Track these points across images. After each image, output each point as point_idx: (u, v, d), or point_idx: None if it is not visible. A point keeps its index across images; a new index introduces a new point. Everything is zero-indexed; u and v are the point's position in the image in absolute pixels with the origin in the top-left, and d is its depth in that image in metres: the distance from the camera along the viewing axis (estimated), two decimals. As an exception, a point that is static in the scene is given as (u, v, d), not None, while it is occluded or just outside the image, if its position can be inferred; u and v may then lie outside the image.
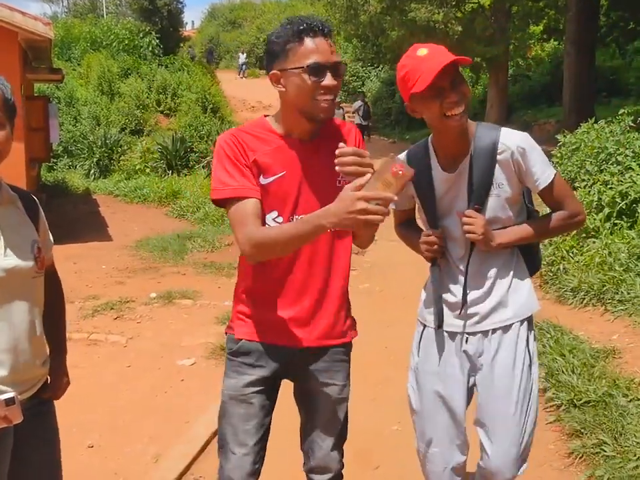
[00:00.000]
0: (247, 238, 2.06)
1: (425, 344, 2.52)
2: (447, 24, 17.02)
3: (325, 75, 2.06)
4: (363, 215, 1.76)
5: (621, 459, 3.43)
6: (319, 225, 1.89)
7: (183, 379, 4.96)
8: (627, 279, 5.87)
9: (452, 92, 2.17)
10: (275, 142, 2.19)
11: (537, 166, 2.31)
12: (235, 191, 2.11)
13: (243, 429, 2.27)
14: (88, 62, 25.30)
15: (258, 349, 2.27)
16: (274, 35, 2.13)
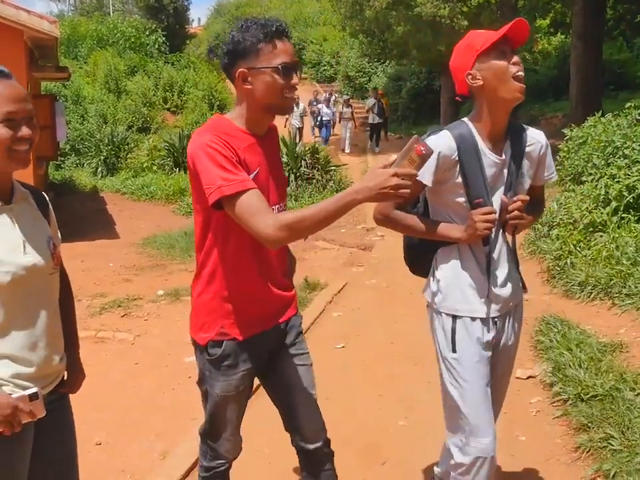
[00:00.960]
0: (272, 223, 2.07)
1: (461, 337, 2.50)
2: (452, 19, 16.94)
3: (292, 75, 2.23)
4: (396, 189, 1.92)
5: (628, 453, 3.42)
6: (353, 200, 1.99)
7: (190, 375, 4.94)
8: (635, 273, 5.84)
9: (513, 55, 2.30)
10: (246, 140, 2.28)
11: (552, 162, 2.55)
12: (243, 183, 2.12)
13: (236, 418, 2.52)
14: (94, 60, 25.40)
15: (239, 348, 2.37)
16: (240, 35, 2.20)
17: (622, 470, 3.30)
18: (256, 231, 2.10)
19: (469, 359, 2.48)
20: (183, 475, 3.57)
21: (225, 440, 2.54)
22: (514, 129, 2.46)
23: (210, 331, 2.37)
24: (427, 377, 4.51)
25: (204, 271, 2.37)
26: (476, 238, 2.40)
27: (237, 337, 2.35)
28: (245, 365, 2.39)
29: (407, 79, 28.85)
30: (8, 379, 1.92)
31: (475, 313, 2.49)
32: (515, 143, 2.44)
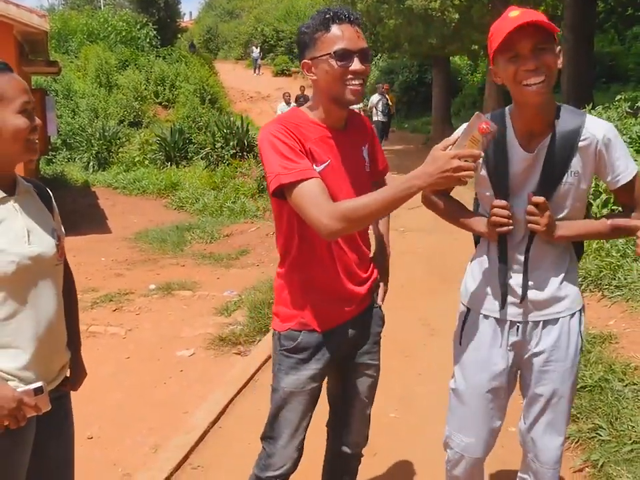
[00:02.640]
0: (330, 213, 2.02)
1: (469, 331, 2.43)
2: (443, 11, 16.92)
3: (353, 60, 2.12)
4: (459, 172, 1.83)
5: (616, 443, 3.46)
6: (414, 186, 1.90)
7: (182, 369, 4.98)
8: (624, 265, 5.88)
9: (530, 59, 2.01)
10: (318, 131, 2.23)
11: (622, 159, 2.17)
12: (302, 172, 2.07)
13: (299, 424, 2.39)
14: (85, 54, 25.28)
15: (316, 342, 2.33)
16: (304, 26, 2.20)
17: (610, 460, 3.34)
18: (312, 221, 2.05)
19: (470, 357, 2.43)
20: (174, 469, 3.59)
21: (281, 447, 2.39)
22: (567, 119, 2.17)
23: (289, 320, 2.35)
24: (418, 369, 4.54)
25: (283, 259, 2.37)
26: (491, 233, 2.30)
27: (315, 328, 2.32)
28: (317, 363, 2.34)
29: (398, 72, 28.89)
30: (13, 372, 1.92)
31: (489, 311, 2.38)
32: (560, 136, 2.16)
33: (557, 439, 2.40)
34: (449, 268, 6.57)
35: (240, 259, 8.44)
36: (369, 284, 2.43)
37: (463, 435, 2.46)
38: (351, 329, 2.40)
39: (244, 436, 3.92)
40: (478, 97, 23.90)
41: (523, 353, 2.37)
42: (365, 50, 2.15)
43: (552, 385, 2.33)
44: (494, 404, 2.42)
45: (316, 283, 2.31)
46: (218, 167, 14.54)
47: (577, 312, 2.34)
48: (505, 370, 2.38)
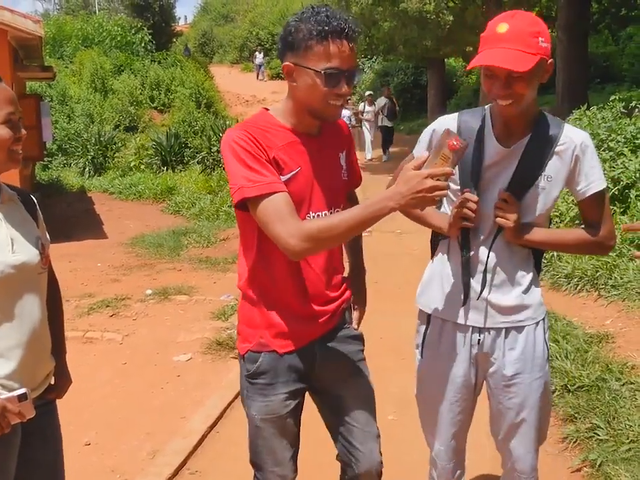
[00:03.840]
0: (295, 232, 1.92)
1: (430, 342, 2.39)
2: (438, 14, 16.95)
3: (340, 82, 1.99)
4: (433, 192, 1.78)
5: (614, 442, 3.47)
6: (386, 207, 1.84)
7: (179, 374, 4.97)
8: (620, 264, 5.90)
9: (502, 85, 2.01)
10: (286, 137, 2.08)
11: (596, 169, 2.17)
12: (268, 186, 1.95)
13: (279, 447, 2.24)
14: (80, 59, 25.29)
15: (277, 364, 2.18)
16: (294, 25, 1.99)
17: (608, 459, 3.35)
18: (277, 240, 1.94)
19: (431, 371, 2.40)
20: (172, 474, 3.58)
21: (269, 472, 2.24)
22: (547, 124, 2.17)
23: (249, 341, 2.21)
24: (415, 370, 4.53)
25: (242, 275, 2.23)
26: (452, 228, 2.24)
27: (276, 349, 2.16)
28: (285, 386, 2.19)
29: (394, 75, 28.91)
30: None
31: (449, 316, 2.32)
32: (538, 138, 2.15)
33: (531, 449, 2.37)
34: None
35: (236, 263, 8.42)
36: (337, 303, 2.26)
37: (435, 440, 2.48)
38: (319, 351, 2.23)
39: (241, 440, 3.87)
40: (473, 99, 23.91)
41: (487, 366, 2.33)
42: (353, 71, 2.00)
43: (520, 397, 2.30)
44: (460, 415, 2.40)
45: (273, 301, 2.17)
46: (214, 171, 14.54)
47: (541, 320, 2.31)
48: (468, 382, 2.35)
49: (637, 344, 4.63)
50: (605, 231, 2.22)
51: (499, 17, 2.07)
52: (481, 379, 2.39)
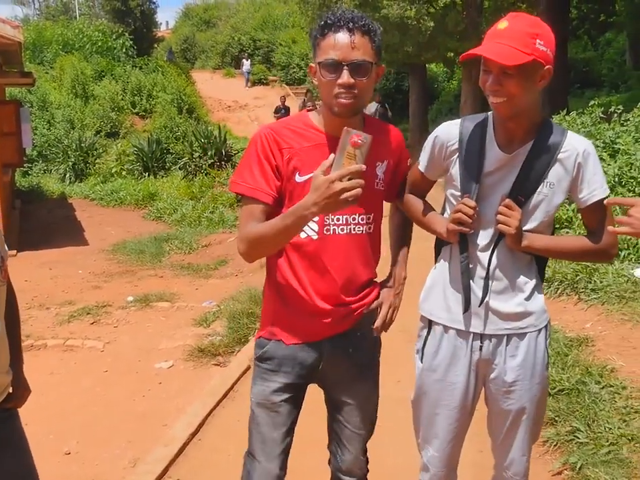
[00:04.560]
0: (242, 235, 2.12)
1: (430, 348, 2.39)
2: (419, 20, 17.04)
3: (341, 73, 2.02)
4: (343, 194, 1.79)
5: (594, 445, 3.49)
6: (301, 217, 1.90)
7: (161, 382, 4.94)
8: (599, 268, 5.94)
9: (495, 81, 2.04)
10: (315, 138, 2.16)
11: (598, 176, 2.16)
12: (249, 190, 2.13)
13: (270, 437, 2.29)
14: (61, 65, 25.10)
15: (283, 353, 2.26)
16: (314, 28, 2.13)
17: (588, 462, 3.37)
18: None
19: (431, 377, 2.39)
20: (153, 482, 3.56)
21: (257, 462, 2.31)
22: (550, 131, 2.17)
23: (262, 328, 2.34)
24: (398, 376, 4.54)
25: (268, 268, 2.33)
26: (450, 234, 2.24)
27: (283, 339, 2.26)
28: (285, 377, 2.27)
29: (375, 80, 28.99)
30: None
31: (451, 322, 2.32)
32: (540, 145, 2.15)
33: (526, 452, 2.41)
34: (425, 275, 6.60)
35: (219, 269, 8.41)
36: (353, 307, 2.27)
37: (429, 446, 2.46)
38: (327, 350, 2.28)
39: (224, 447, 3.90)
40: (454, 104, 24.06)
41: (488, 372, 2.34)
42: (356, 62, 2.01)
43: (519, 402, 2.31)
44: (457, 422, 2.40)
45: (285, 295, 2.25)
46: (196, 177, 14.50)
47: (543, 328, 2.31)
48: (467, 389, 2.35)
49: (617, 347, 4.67)
50: (608, 239, 2.20)
51: (505, 17, 2.10)
52: (480, 385, 2.39)
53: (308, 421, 2.54)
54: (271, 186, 2.13)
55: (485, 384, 2.38)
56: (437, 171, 2.38)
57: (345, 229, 2.19)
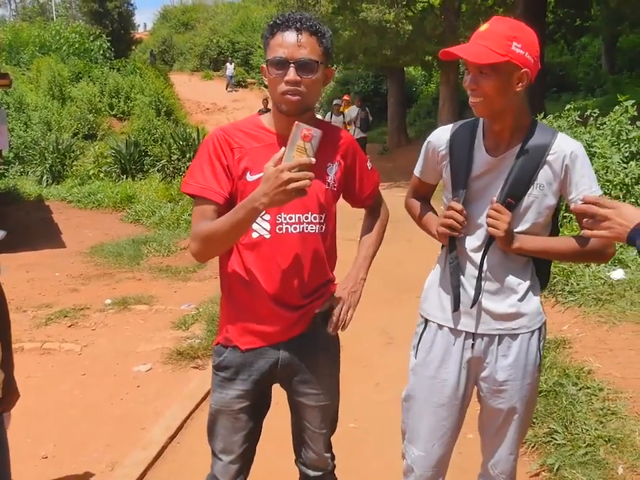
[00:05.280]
0: (194, 235, 2.12)
1: (425, 344, 2.42)
2: (397, 23, 17.10)
3: (287, 70, 2.07)
4: (290, 184, 1.83)
5: (571, 447, 3.53)
6: (252, 209, 1.93)
7: (139, 385, 4.91)
8: (577, 271, 6.00)
9: (471, 80, 2.11)
10: (265, 138, 2.20)
11: (586, 178, 2.18)
12: (200, 189, 2.14)
13: (230, 440, 2.33)
14: (37, 66, 24.91)
15: (239, 361, 2.27)
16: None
17: (565, 463, 3.40)
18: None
19: (423, 372, 2.42)
20: (132, 486, 3.54)
21: (217, 459, 2.37)
22: (539, 134, 2.21)
23: (219, 334, 2.35)
24: (376, 378, 4.56)
25: (221, 272, 2.33)
26: (441, 236, 2.30)
27: (238, 345, 2.26)
28: (243, 384, 2.28)
29: (354, 83, 29.08)
30: None
31: (445, 321, 2.36)
32: (529, 148, 2.18)
33: (513, 451, 2.44)
34: (405, 277, 6.63)
35: (197, 272, 8.37)
36: (306, 309, 2.27)
37: (414, 447, 2.47)
38: (284, 353, 2.28)
39: (202, 451, 3.85)
40: (432, 107, 24.17)
41: (479, 370, 2.36)
42: (303, 60, 2.07)
43: (509, 402, 2.35)
44: (446, 420, 2.41)
45: (238, 299, 2.26)
46: (174, 180, 14.40)
47: (537, 330, 2.33)
48: (457, 386, 2.37)
49: (593, 349, 4.72)
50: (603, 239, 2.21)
51: (489, 20, 2.16)
52: (471, 384, 2.42)
53: (280, 422, 2.55)
54: (222, 186, 2.15)
55: (477, 383, 2.41)
56: (432, 175, 2.45)
57: (297, 228, 2.20)
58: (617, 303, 5.35)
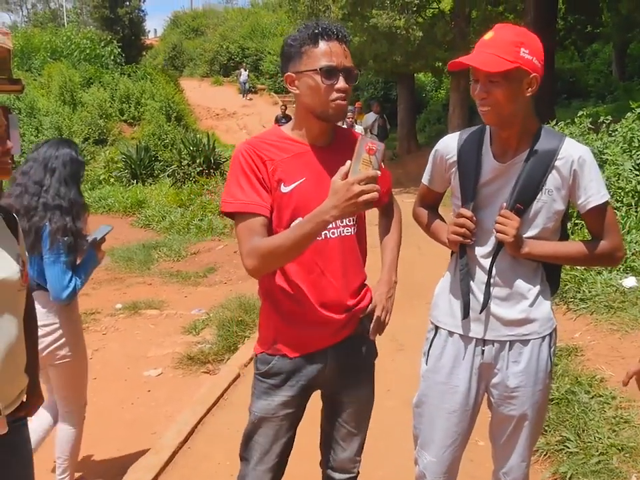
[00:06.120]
0: (251, 251, 2.07)
1: (435, 350, 2.43)
2: (408, 30, 17.11)
3: (338, 78, 2.11)
4: (361, 196, 1.83)
5: (584, 455, 3.50)
6: (322, 222, 1.93)
7: (150, 389, 4.92)
8: (588, 278, 5.98)
9: (481, 89, 2.11)
10: (293, 149, 2.22)
11: (594, 182, 2.19)
12: (243, 205, 2.12)
13: (270, 449, 2.34)
14: (49, 72, 25.00)
15: (289, 368, 2.29)
16: (290, 38, 2.18)
17: (578, 472, 3.38)
18: (241, 256, 2.10)
19: (434, 378, 2.42)
20: (143, 491, 3.54)
21: (252, 469, 2.36)
22: (546, 139, 2.21)
23: (264, 344, 2.34)
24: (387, 384, 4.55)
25: (261, 283, 2.34)
26: (452, 244, 2.32)
27: (287, 353, 2.28)
28: (290, 390, 2.30)
29: (364, 89, 29.10)
30: None
31: (455, 327, 2.36)
32: (537, 154, 2.18)
33: (525, 458, 2.43)
34: (416, 283, 6.61)
35: (207, 277, 8.39)
36: (352, 312, 2.32)
37: (426, 453, 2.47)
38: (331, 357, 2.32)
39: (213, 456, 3.88)
40: (442, 113, 24.18)
41: (490, 376, 2.36)
42: (350, 68, 2.14)
43: (521, 408, 2.34)
44: (457, 427, 2.41)
45: (285, 308, 2.27)
46: (184, 185, 14.44)
47: (547, 335, 2.32)
48: (468, 393, 2.37)
49: (605, 357, 4.69)
50: (610, 242, 2.24)
51: (493, 28, 2.15)
52: (482, 390, 2.42)
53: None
54: (263, 198, 2.15)
55: (488, 389, 2.40)
56: (440, 183, 2.47)
57: (335, 232, 2.24)
58: (629, 310, 5.32)
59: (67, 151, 3.26)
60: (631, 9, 16.17)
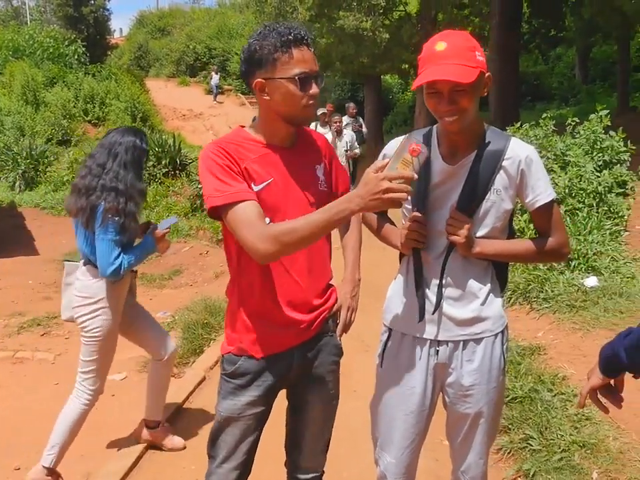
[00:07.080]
0: (263, 235, 2.00)
1: (390, 353, 2.44)
2: (374, 32, 17.21)
3: (311, 84, 2.13)
4: (388, 193, 1.82)
5: (546, 452, 3.55)
6: (347, 209, 1.90)
7: (114, 394, 4.85)
8: (551, 277, 6.06)
9: (446, 101, 2.08)
10: (259, 150, 2.21)
11: (541, 182, 2.22)
12: (234, 195, 2.07)
13: (236, 448, 2.35)
14: (10, 71, 24.60)
15: (255, 368, 2.29)
16: (256, 44, 2.12)
17: (541, 469, 3.43)
18: (246, 244, 2.04)
19: (389, 381, 2.43)
20: (106, 496, 3.49)
21: (218, 467, 2.37)
22: (493, 139, 2.23)
23: (231, 344, 2.33)
24: (354, 385, 4.56)
25: (229, 282, 2.34)
26: (403, 247, 2.32)
27: (253, 354, 2.28)
28: (257, 390, 2.30)
29: (331, 91, 29.15)
30: None
31: (408, 329, 2.37)
32: (485, 154, 2.21)
33: (483, 455, 2.45)
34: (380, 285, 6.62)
35: (173, 279, 8.32)
36: (318, 311, 2.34)
37: (386, 454, 2.48)
38: (297, 357, 2.34)
39: (178, 460, 3.85)
40: (409, 115, 24.35)
41: (445, 376, 2.37)
42: (319, 73, 2.17)
43: (476, 406, 2.36)
44: (414, 428, 2.42)
45: (252, 308, 2.27)
46: (150, 186, 14.31)
47: (500, 333, 2.35)
48: (424, 393, 2.38)
49: (568, 355, 4.76)
50: (556, 239, 2.28)
51: (435, 37, 2.13)
52: (437, 390, 2.43)
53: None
54: (247, 186, 2.13)
55: (443, 389, 2.42)
56: None
57: None
58: (590, 309, 5.41)
59: (131, 139, 3.50)
60: (593, 14, 16.45)
